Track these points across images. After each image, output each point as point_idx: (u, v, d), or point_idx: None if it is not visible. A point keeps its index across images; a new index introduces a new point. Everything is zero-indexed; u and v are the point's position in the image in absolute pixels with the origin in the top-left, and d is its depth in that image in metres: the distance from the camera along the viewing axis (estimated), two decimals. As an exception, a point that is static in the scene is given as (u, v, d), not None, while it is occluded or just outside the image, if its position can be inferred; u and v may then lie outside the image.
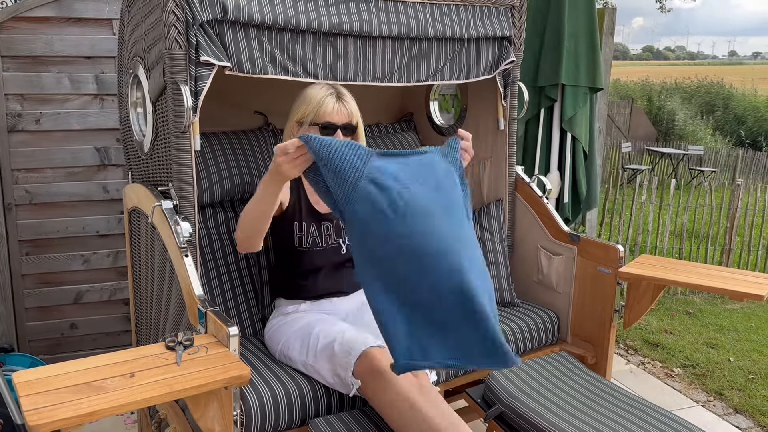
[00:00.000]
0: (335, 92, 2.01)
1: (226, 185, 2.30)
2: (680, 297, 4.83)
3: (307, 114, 1.99)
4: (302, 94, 2.05)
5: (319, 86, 2.02)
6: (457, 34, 2.19)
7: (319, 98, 1.98)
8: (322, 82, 1.99)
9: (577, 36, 3.19)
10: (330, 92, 2.00)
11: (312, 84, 2.04)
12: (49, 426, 1.28)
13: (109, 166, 3.05)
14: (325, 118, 1.97)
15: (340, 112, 1.99)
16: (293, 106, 2.06)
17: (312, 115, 1.98)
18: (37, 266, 3.01)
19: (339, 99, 2.00)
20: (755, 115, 17.97)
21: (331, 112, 1.97)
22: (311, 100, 1.99)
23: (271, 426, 1.78)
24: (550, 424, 1.80)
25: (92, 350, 3.12)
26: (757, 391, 3.28)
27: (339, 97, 2.00)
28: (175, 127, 1.80)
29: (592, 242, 2.35)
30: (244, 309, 2.28)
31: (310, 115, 1.99)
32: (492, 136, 2.60)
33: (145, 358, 1.54)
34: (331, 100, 1.99)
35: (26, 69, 2.86)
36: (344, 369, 1.80)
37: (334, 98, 1.99)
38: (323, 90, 2.00)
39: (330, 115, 1.98)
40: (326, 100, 1.98)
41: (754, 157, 12.13)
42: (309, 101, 2.00)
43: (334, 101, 1.99)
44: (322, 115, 1.97)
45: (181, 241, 1.76)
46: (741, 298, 2.06)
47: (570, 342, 2.46)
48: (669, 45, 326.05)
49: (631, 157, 11.76)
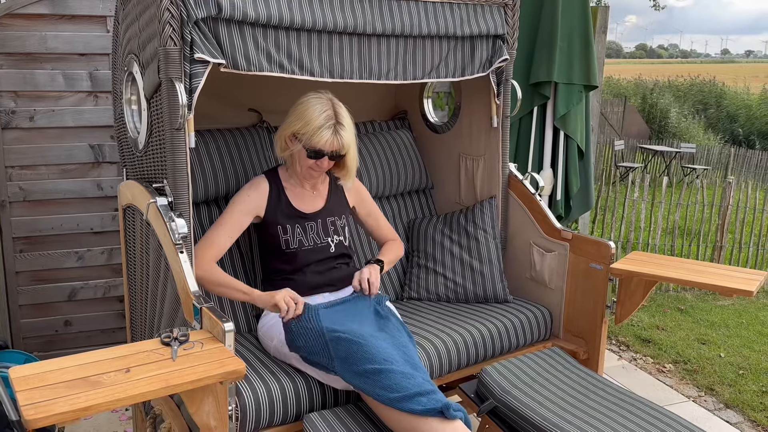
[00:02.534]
0: (334, 123, 2.01)
1: (221, 182, 2.31)
2: (672, 294, 4.87)
3: (303, 134, 2.02)
4: (303, 106, 2.03)
5: (321, 107, 2.01)
6: (451, 32, 2.20)
7: (317, 125, 2.00)
8: (310, 78, 1.98)
9: (571, 34, 3.20)
10: (329, 123, 2.01)
11: (314, 99, 2.03)
12: (45, 420, 1.29)
13: (104, 163, 3.05)
14: (317, 146, 2.02)
15: (332, 144, 2.03)
16: (291, 114, 2.06)
17: (306, 138, 2.01)
18: (31, 263, 3.01)
19: (336, 132, 2.02)
20: (747, 113, 18.06)
21: (324, 142, 2.01)
22: (310, 122, 2.00)
23: (266, 421, 1.80)
24: (542, 419, 1.82)
25: (87, 347, 3.12)
26: (747, 387, 3.31)
27: (336, 130, 2.02)
28: (169, 124, 1.80)
29: (584, 239, 2.37)
30: (239, 305, 2.29)
31: (305, 137, 2.02)
32: (485, 133, 2.61)
33: (141, 354, 1.55)
34: (328, 132, 2.00)
35: (20, 66, 2.86)
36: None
37: (331, 131, 2.01)
38: (323, 117, 2.00)
39: (322, 144, 2.02)
40: (323, 132, 2.00)
41: (746, 155, 12.19)
42: (308, 122, 2.01)
43: (329, 134, 2.01)
44: (315, 143, 2.01)
45: (176, 238, 1.77)
46: (731, 294, 2.08)
47: (562, 338, 2.48)
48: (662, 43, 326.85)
49: (624, 155, 11.81)
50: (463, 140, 2.73)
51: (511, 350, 2.35)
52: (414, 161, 2.80)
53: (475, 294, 2.51)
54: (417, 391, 1.68)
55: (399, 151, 2.77)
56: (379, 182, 2.68)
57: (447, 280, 2.53)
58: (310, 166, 2.07)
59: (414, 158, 2.81)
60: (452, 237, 2.58)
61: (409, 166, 2.78)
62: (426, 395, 1.68)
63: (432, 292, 2.55)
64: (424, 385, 1.70)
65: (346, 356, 1.78)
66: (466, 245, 2.54)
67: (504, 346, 2.31)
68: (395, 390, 1.69)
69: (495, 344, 2.28)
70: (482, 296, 2.51)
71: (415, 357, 1.85)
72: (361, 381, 1.75)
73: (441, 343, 2.14)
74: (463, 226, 2.58)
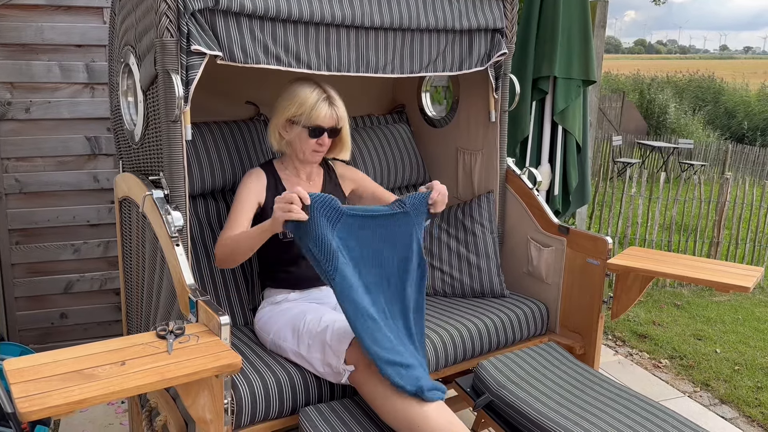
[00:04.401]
0: (327, 96, 2.04)
1: (218, 175, 2.30)
2: (668, 289, 4.88)
3: (300, 115, 2.03)
4: (291, 92, 2.06)
5: (309, 88, 2.04)
6: (449, 26, 2.19)
7: (312, 102, 2.01)
8: (306, 71, 1.98)
9: (571, 29, 3.19)
10: (323, 96, 2.03)
11: (299, 82, 2.06)
12: (40, 413, 1.28)
13: (100, 155, 3.04)
14: (317, 122, 2.03)
15: (331, 117, 2.04)
16: (281, 103, 2.08)
17: (305, 117, 2.03)
18: (27, 255, 3.00)
19: (331, 104, 2.04)
20: (745, 109, 18.08)
21: (323, 116, 2.03)
22: (304, 101, 2.02)
23: (261, 414, 1.79)
24: (538, 413, 1.82)
25: (83, 340, 3.12)
26: (742, 382, 3.32)
27: (331, 102, 2.04)
28: (166, 116, 1.79)
29: (581, 234, 2.37)
30: (235, 298, 2.29)
31: (303, 117, 2.03)
32: (483, 128, 2.61)
33: (136, 347, 1.55)
34: (324, 105, 2.02)
35: (16, 57, 2.84)
36: (336, 357, 1.82)
37: (327, 104, 2.03)
38: (315, 93, 2.03)
39: (322, 119, 2.03)
40: (320, 105, 2.01)
41: (743, 151, 12.21)
42: (302, 103, 2.02)
43: (326, 107, 2.03)
44: (314, 120, 2.02)
45: (171, 231, 1.76)
46: (726, 289, 2.08)
47: (559, 333, 2.48)
48: (661, 39, 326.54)
49: (622, 151, 11.81)
50: (461, 134, 2.73)
51: (507, 345, 2.35)
52: (411, 155, 2.80)
53: (472, 288, 2.51)
54: (400, 362, 1.71)
55: (396, 145, 2.77)
56: (377, 176, 2.68)
57: (444, 274, 2.53)
58: (313, 147, 2.07)
59: (411, 152, 2.80)
60: (449, 231, 2.58)
61: (407, 160, 2.77)
62: (405, 368, 1.70)
63: (429, 286, 2.54)
64: (409, 359, 1.73)
65: (350, 285, 1.77)
66: (463, 239, 2.54)
67: (500, 340, 2.32)
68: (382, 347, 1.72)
69: (491, 339, 2.28)
70: (479, 291, 2.51)
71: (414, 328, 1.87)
72: (355, 315, 1.75)
73: (437, 337, 2.14)
74: (461, 221, 2.57)
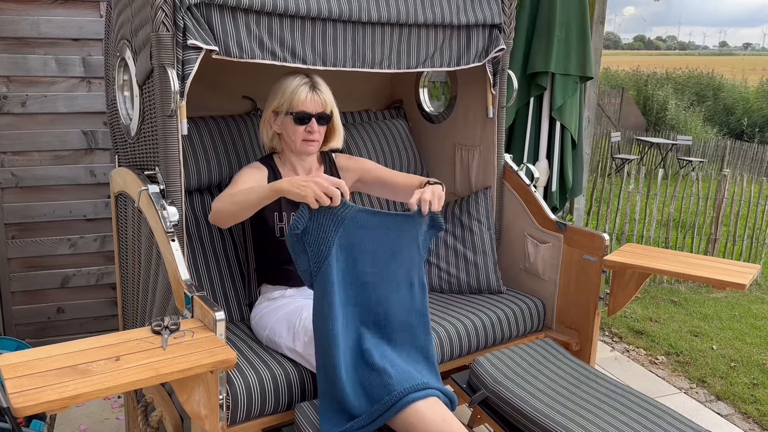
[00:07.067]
0: (309, 81, 2.03)
1: (214, 170, 2.30)
2: (665, 286, 4.88)
3: (282, 103, 2.02)
4: (277, 83, 2.06)
5: (294, 76, 2.03)
6: (447, 21, 2.18)
7: (293, 87, 2.01)
8: (302, 67, 1.98)
9: (569, 24, 3.18)
10: (304, 81, 2.02)
11: (285, 75, 2.05)
12: (34, 408, 1.28)
13: (96, 149, 3.03)
14: (300, 107, 2.00)
15: (314, 102, 2.01)
16: (269, 96, 2.07)
17: (287, 104, 2.01)
18: (23, 250, 3.00)
19: (313, 88, 2.02)
20: (744, 106, 18.08)
21: (304, 101, 2.00)
22: (285, 89, 2.02)
23: (257, 410, 1.79)
24: (534, 410, 1.82)
25: (79, 334, 3.11)
26: (738, 379, 3.33)
27: (313, 87, 2.02)
28: (162, 111, 1.79)
29: (578, 231, 2.37)
30: (231, 294, 2.28)
31: (285, 105, 2.02)
32: (481, 124, 2.60)
33: (131, 342, 1.55)
34: (305, 89, 2.01)
35: (12, 51, 2.83)
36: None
37: (307, 87, 2.01)
38: (297, 79, 2.02)
39: (304, 104, 2.00)
40: (300, 89, 2.00)
41: (741, 148, 12.22)
42: (283, 91, 2.02)
43: (307, 90, 2.01)
44: (297, 105, 2.00)
45: (167, 226, 1.76)
46: (723, 286, 2.08)
47: (555, 329, 2.48)
48: (660, 35, 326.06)
49: (620, 147, 11.82)
50: (458, 130, 2.72)
51: (503, 341, 2.35)
52: (409, 151, 2.79)
53: (469, 285, 2.51)
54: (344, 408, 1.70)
55: (394, 141, 2.76)
56: (374, 172, 2.67)
57: (441, 270, 2.53)
58: (303, 136, 2.04)
59: (409, 148, 2.80)
60: (446, 227, 2.57)
61: (404, 156, 2.77)
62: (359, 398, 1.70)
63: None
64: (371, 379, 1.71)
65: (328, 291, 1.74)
66: (460, 236, 2.54)
67: (497, 337, 2.32)
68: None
69: (488, 335, 2.28)
70: (476, 287, 2.50)
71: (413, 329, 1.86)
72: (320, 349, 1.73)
73: (434, 333, 2.14)
74: (458, 217, 2.57)
